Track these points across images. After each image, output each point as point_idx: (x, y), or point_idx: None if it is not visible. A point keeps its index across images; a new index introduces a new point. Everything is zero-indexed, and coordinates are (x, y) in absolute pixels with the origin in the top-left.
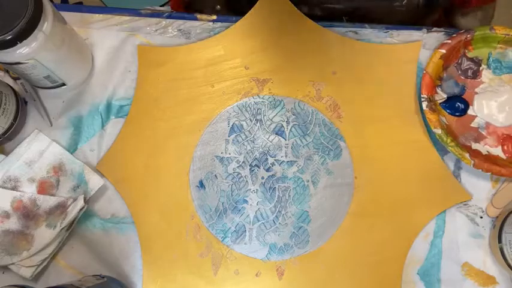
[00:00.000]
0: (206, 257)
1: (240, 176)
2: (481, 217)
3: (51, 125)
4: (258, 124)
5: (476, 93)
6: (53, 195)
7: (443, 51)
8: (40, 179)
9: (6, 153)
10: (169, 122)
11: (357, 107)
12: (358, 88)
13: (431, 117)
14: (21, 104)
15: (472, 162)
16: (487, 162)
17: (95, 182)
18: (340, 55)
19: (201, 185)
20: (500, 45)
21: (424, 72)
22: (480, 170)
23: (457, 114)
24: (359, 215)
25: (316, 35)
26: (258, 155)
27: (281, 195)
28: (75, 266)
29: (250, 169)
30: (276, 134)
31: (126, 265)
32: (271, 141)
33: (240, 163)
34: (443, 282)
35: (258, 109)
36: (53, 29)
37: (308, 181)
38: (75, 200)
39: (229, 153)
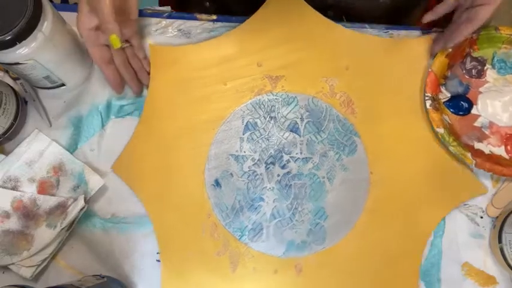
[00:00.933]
0: (223, 255)
1: (255, 174)
2: (481, 217)
3: (51, 126)
4: (272, 121)
5: (481, 92)
6: (53, 195)
7: (449, 49)
8: (40, 179)
9: (6, 153)
10: (183, 121)
11: (371, 102)
12: (372, 83)
13: (434, 116)
14: (21, 104)
15: (474, 162)
16: (489, 162)
17: (95, 182)
18: (353, 50)
19: (217, 183)
20: (505, 46)
21: (430, 70)
22: (482, 169)
23: (460, 113)
24: (375, 210)
25: (329, 31)
26: (273, 152)
27: (297, 192)
28: (75, 266)
29: (265, 167)
30: (291, 131)
31: (126, 265)
32: (285, 139)
33: (255, 161)
34: (443, 282)
35: (271, 106)
36: (52, 29)
37: (324, 177)
38: (75, 200)
39: (244, 151)
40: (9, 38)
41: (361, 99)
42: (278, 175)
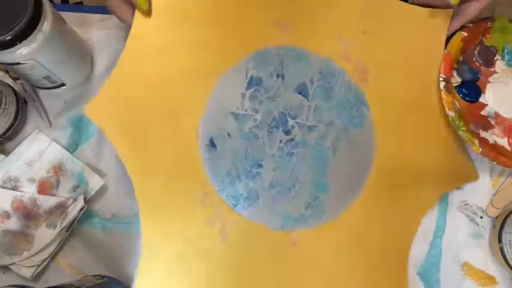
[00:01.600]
0: (215, 224)
1: (256, 136)
2: (481, 217)
3: (51, 126)
4: (280, 80)
5: (489, 82)
6: (53, 195)
7: (465, 34)
8: (40, 179)
9: (6, 153)
10: (175, 65)
11: (385, 73)
12: (388, 52)
13: (446, 98)
14: (21, 104)
15: (480, 149)
16: (493, 151)
17: (95, 182)
18: (374, 13)
19: (212, 144)
20: None
21: (446, 52)
22: (487, 158)
23: (467, 99)
24: (377, 186)
25: None
26: (277, 114)
27: (299, 162)
28: (75, 266)
29: (268, 130)
30: (299, 93)
31: (126, 265)
32: (292, 101)
33: (257, 122)
34: (443, 282)
35: (280, 61)
36: (52, 30)
37: (328, 148)
38: (75, 200)
39: (246, 110)
40: (9, 38)
41: (375, 68)
42: (280, 141)
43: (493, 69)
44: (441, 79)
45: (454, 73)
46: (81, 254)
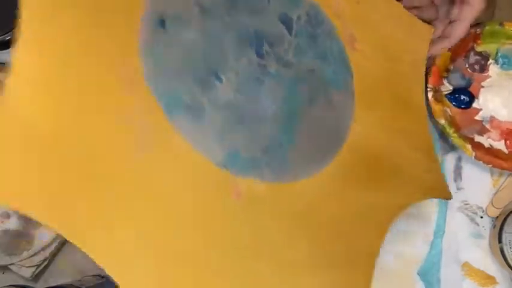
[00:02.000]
0: (132, 124)
1: (221, 40)
2: (481, 217)
3: None
4: (265, 1)
5: (483, 87)
6: None
7: None
8: None
9: None
10: None
11: (371, 46)
12: (375, 30)
13: (435, 107)
14: None
15: (473, 154)
16: (488, 155)
17: None
18: None
19: (161, 23)
20: (510, 41)
21: (433, 64)
22: (481, 161)
23: (462, 106)
24: (347, 165)
25: None
26: (252, 31)
27: (268, 94)
28: (75, 266)
29: (238, 40)
30: (281, 22)
31: None
32: (273, 28)
33: (228, 26)
34: (443, 282)
35: None
36: None
37: (304, 94)
38: None
39: (217, 8)
40: (9, 38)
41: (363, 39)
42: (250, 60)
43: (486, 74)
44: (429, 89)
45: (445, 81)
46: (81, 254)
